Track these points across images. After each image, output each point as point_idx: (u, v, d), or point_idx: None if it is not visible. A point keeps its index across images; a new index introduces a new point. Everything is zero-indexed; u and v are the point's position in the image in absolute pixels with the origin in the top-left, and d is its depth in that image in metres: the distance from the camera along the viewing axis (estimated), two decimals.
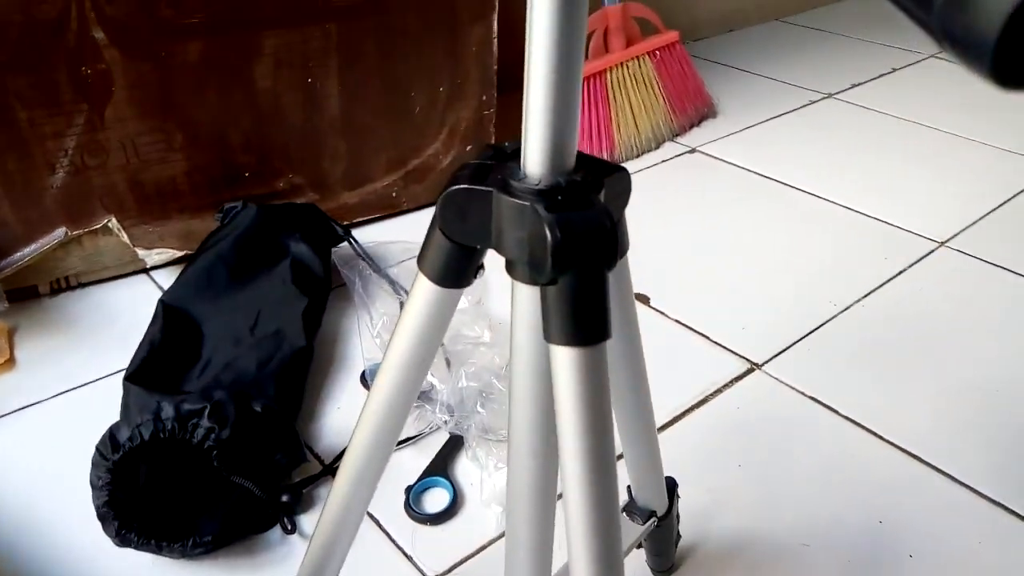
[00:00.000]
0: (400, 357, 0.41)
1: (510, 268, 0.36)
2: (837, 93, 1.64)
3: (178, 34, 0.92)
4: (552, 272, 0.32)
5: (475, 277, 0.39)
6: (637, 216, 1.20)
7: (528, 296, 0.35)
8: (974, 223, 1.17)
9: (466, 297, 1.00)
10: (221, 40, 0.94)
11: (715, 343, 0.92)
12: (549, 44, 0.31)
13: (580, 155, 0.35)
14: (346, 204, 1.12)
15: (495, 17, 1.12)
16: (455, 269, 0.38)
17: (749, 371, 0.88)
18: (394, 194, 1.16)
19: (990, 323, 0.97)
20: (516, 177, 0.34)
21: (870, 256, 1.10)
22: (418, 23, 1.07)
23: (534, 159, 0.34)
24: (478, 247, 0.37)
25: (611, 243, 0.33)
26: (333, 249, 1.03)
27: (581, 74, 0.33)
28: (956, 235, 1.14)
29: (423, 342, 0.41)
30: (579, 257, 0.32)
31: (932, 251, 1.11)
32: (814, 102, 1.60)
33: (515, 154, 0.35)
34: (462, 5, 1.09)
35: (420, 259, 0.39)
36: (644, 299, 1.00)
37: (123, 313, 0.96)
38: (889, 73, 1.75)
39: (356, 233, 1.13)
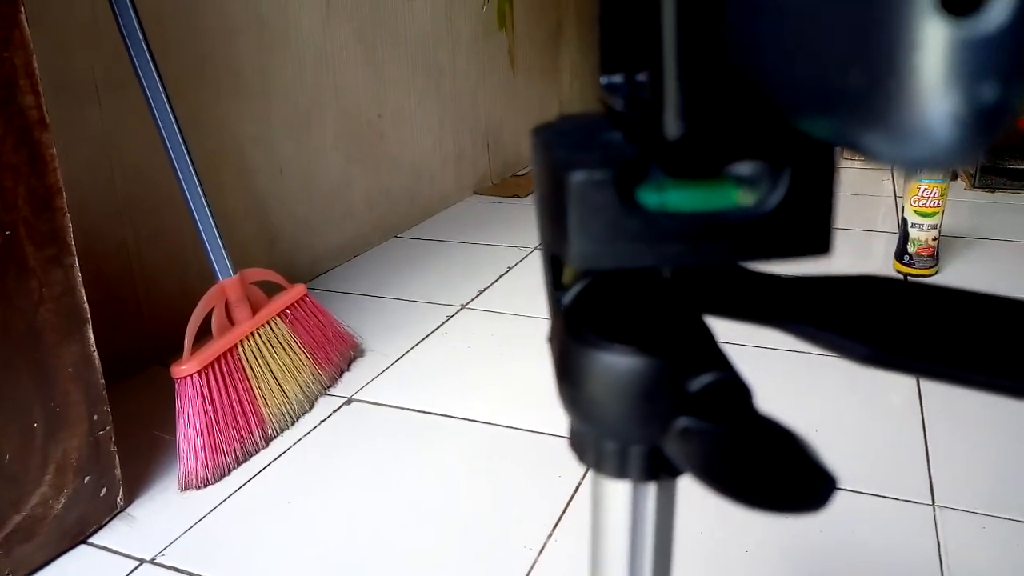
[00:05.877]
0: None
1: None
2: (468, 303, 1.72)
3: None
4: None
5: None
6: (310, 499, 1.09)
7: None
8: None
9: None
10: None
11: None
12: None
13: None
14: None
15: (89, 330, 0.98)
16: None
17: None
18: None
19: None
20: None
21: (545, 477, 1.11)
22: None
23: None
24: None
25: None
26: None
27: None
28: None
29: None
30: None
31: None
32: (451, 317, 1.66)
33: None
34: (45, 327, 0.93)
35: None
36: None
37: None
38: (506, 273, 1.90)
39: None
